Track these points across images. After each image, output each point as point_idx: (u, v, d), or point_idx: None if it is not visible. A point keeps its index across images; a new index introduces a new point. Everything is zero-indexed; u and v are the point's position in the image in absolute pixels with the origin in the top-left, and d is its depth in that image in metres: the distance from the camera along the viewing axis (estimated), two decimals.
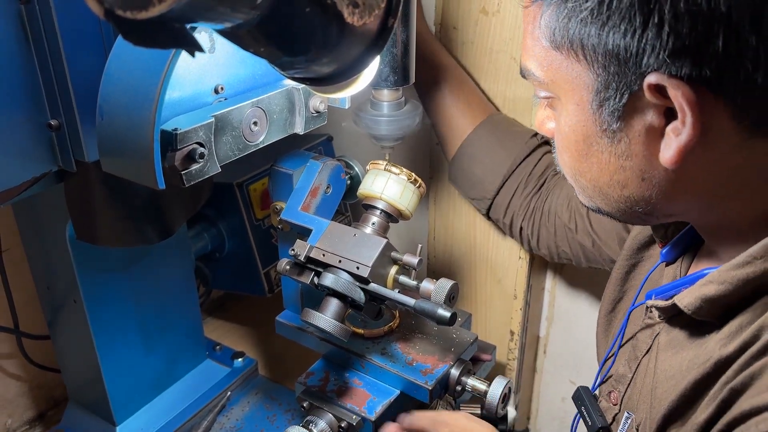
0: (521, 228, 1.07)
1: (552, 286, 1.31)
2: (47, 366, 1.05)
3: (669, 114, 0.53)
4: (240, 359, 1.10)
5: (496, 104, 1.13)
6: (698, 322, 0.61)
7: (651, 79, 0.51)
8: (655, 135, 0.55)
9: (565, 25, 0.54)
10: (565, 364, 1.37)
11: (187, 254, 1.00)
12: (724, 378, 0.56)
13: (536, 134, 1.06)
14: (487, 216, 1.13)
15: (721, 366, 0.57)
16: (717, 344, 0.58)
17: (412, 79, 0.93)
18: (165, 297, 0.97)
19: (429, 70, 1.06)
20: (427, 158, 1.26)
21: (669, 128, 0.53)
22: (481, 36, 1.10)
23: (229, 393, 1.06)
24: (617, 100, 0.54)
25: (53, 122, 0.68)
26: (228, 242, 1.11)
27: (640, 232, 0.81)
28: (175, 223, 0.88)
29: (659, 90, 0.51)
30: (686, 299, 0.60)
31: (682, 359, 0.62)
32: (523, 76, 0.63)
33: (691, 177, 0.56)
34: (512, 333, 1.27)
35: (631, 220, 0.65)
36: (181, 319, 1.02)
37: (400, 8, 0.55)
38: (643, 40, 0.50)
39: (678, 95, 0.50)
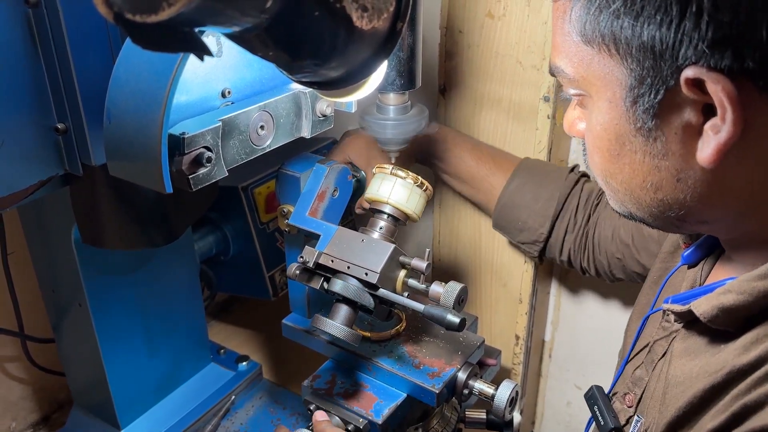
0: (581, 264, 1.05)
1: (557, 290, 1.30)
2: (51, 369, 1.05)
3: (707, 110, 0.50)
4: (244, 363, 1.10)
5: (501, 108, 1.13)
6: (715, 331, 0.59)
7: (688, 73, 0.48)
8: (693, 133, 0.52)
9: (597, 18, 0.51)
10: (571, 369, 1.36)
11: (191, 257, 1.00)
12: (736, 390, 0.55)
13: (572, 169, 1.06)
14: (540, 259, 1.10)
15: (734, 377, 0.55)
16: (731, 354, 0.56)
17: (419, 83, 0.93)
18: (170, 300, 0.97)
19: (438, 147, 1.08)
20: None
21: (707, 126, 0.50)
22: (487, 39, 1.10)
23: (233, 397, 1.05)
24: (652, 96, 0.51)
25: (60, 126, 0.68)
26: (233, 245, 1.10)
27: (676, 236, 0.79)
28: (181, 226, 0.88)
29: (697, 85, 0.49)
30: (703, 307, 0.58)
31: (693, 366, 0.61)
32: (552, 74, 0.60)
33: (729, 178, 0.53)
34: (517, 337, 1.26)
35: (664, 226, 0.62)
36: (185, 323, 1.01)
37: (409, 12, 0.55)
38: (680, 31, 0.47)
39: (718, 90, 0.48)
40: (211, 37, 0.67)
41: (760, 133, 0.50)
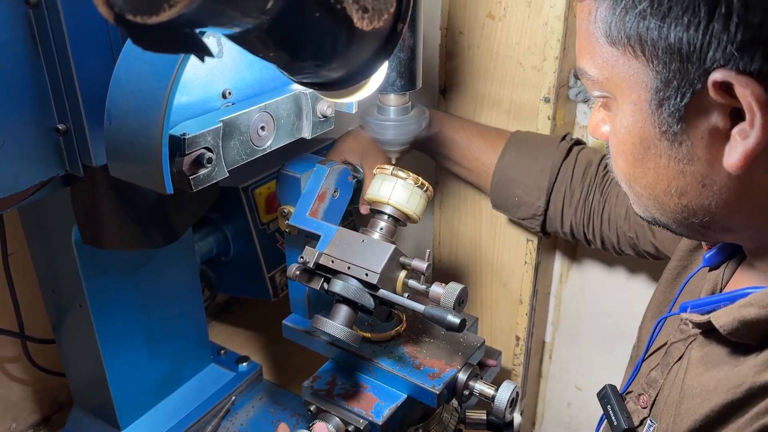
0: (584, 234, 1.03)
1: (558, 290, 1.30)
2: (52, 370, 1.05)
3: (735, 115, 0.49)
4: (245, 363, 1.10)
5: (502, 109, 1.13)
6: (734, 343, 0.58)
7: (716, 76, 0.47)
8: (720, 138, 0.50)
9: (622, 19, 0.50)
10: (571, 370, 1.36)
11: (192, 258, 1.00)
12: (757, 409, 0.53)
13: (564, 137, 1.04)
14: (544, 233, 1.08)
15: (754, 394, 0.54)
16: (752, 370, 0.55)
17: (419, 84, 0.93)
18: (170, 301, 0.97)
19: (435, 137, 1.06)
20: (433, 162, 1.26)
21: (735, 130, 0.49)
22: (488, 40, 1.10)
23: (233, 397, 1.05)
24: (678, 99, 0.50)
25: (61, 126, 0.68)
26: (233, 246, 1.10)
27: None
28: (181, 227, 0.88)
29: (725, 88, 0.47)
30: (723, 319, 0.57)
31: (711, 378, 0.60)
32: (576, 78, 0.60)
33: (756, 185, 0.52)
34: (518, 338, 1.26)
35: (688, 233, 0.60)
36: (185, 323, 1.01)
37: (410, 13, 0.55)
38: (708, 33, 0.46)
39: (747, 94, 0.46)
40: (211, 38, 0.67)
41: None
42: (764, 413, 0.53)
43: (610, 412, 0.73)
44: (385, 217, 0.84)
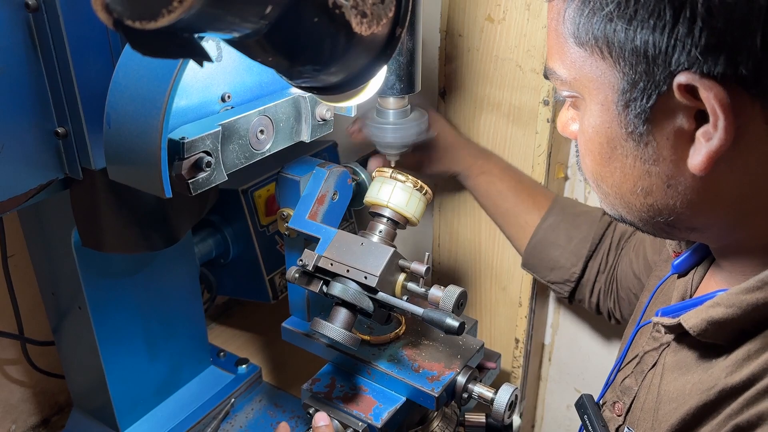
0: (608, 307, 1.04)
1: None
2: (51, 372, 1.05)
3: (700, 117, 0.50)
4: (244, 366, 1.10)
5: (501, 112, 1.13)
6: (706, 345, 0.59)
7: (681, 78, 0.48)
8: (685, 139, 0.51)
9: (590, 20, 0.51)
10: (571, 372, 1.36)
11: (191, 260, 1.00)
12: (728, 410, 0.54)
13: (605, 212, 1.05)
14: (570, 300, 1.08)
15: (726, 395, 0.55)
16: (723, 371, 0.56)
17: (418, 87, 0.93)
18: (170, 303, 0.97)
19: (479, 172, 1.07)
20: None
21: (699, 132, 0.50)
22: (487, 43, 1.10)
23: (233, 400, 1.05)
24: (644, 101, 0.51)
25: (60, 130, 0.68)
26: (233, 248, 1.11)
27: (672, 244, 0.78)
28: (181, 229, 0.88)
29: (690, 91, 0.48)
30: (692, 320, 0.58)
31: (686, 382, 0.60)
32: (546, 77, 0.60)
33: (720, 186, 0.53)
34: (517, 341, 1.26)
35: (653, 231, 0.61)
36: (185, 326, 1.01)
37: (408, 17, 0.55)
38: (674, 36, 0.46)
39: (710, 97, 0.47)
40: (210, 42, 0.67)
41: (752, 141, 0.50)
42: (736, 414, 0.53)
43: (587, 421, 0.74)
44: (385, 219, 0.84)
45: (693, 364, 0.61)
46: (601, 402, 0.78)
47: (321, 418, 0.81)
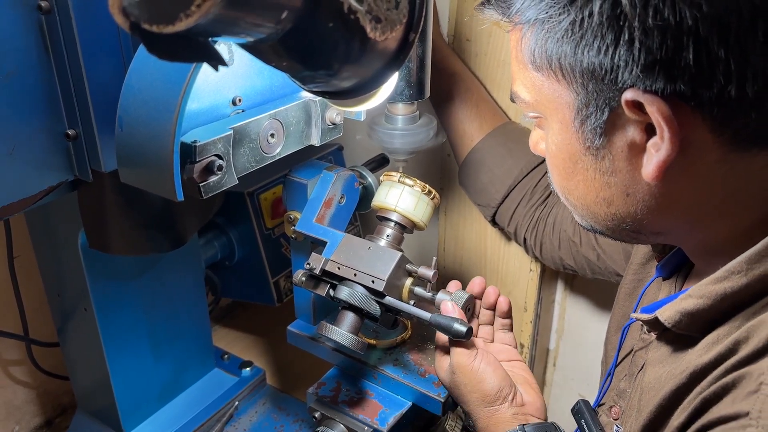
0: (525, 238, 1.08)
1: (562, 298, 1.30)
2: (56, 373, 1.05)
3: (650, 129, 0.53)
4: (248, 368, 1.10)
5: (508, 116, 1.13)
6: (682, 337, 0.62)
7: (627, 95, 0.51)
8: (638, 150, 0.55)
9: (543, 46, 0.55)
10: (575, 378, 1.36)
11: (197, 262, 1.00)
12: (698, 388, 0.57)
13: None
14: (493, 222, 1.13)
15: (696, 376, 0.57)
16: (694, 355, 0.59)
17: (427, 94, 0.93)
18: (174, 305, 0.97)
19: (440, 76, 1.07)
20: (439, 169, 1.26)
21: (649, 144, 0.54)
22: (495, 48, 1.10)
23: (237, 403, 1.05)
24: (598, 117, 0.54)
25: (71, 132, 0.68)
26: (238, 251, 1.10)
27: (645, 246, 0.81)
28: (188, 232, 0.88)
29: (637, 106, 0.51)
30: (666, 313, 0.61)
31: (662, 371, 0.63)
32: (512, 101, 0.64)
33: (674, 191, 0.56)
34: (522, 345, 1.26)
35: (622, 238, 0.65)
36: (190, 328, 1.01)
37: (422, 23, 0.55)
38: (616, 57, 0.50)
39: (654, 111, 0.50)
40: (222, 45, 0.67)
41: (698, 149, 0.53)
42: (704, 389, 0.56)
43: (585, 427, 0.76)
44: (392, 224, 0.84)
45: (670, 356, 0.64)
46: (598, 406, 0.78)
47: None
